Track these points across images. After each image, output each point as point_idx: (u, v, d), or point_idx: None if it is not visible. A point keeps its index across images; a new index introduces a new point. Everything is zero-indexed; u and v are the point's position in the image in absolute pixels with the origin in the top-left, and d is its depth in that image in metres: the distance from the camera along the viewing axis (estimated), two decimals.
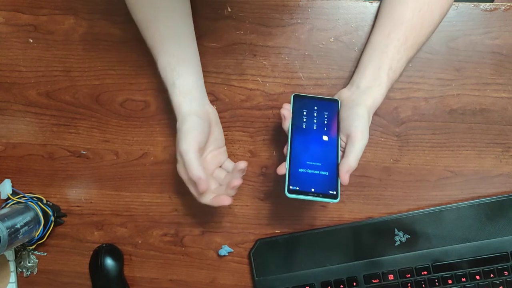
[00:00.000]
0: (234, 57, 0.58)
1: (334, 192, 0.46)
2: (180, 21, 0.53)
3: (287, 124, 0.50)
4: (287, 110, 0.50)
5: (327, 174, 0.47)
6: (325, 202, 0.46)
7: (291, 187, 0.46)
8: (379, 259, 0.59)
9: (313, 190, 0.46)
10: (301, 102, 0.52)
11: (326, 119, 0.51)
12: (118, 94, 0.61)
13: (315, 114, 0.51)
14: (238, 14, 0.57)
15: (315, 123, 0.50)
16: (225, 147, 0.57)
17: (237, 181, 0.49)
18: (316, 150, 0.49)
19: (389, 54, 0.49)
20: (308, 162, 0.48)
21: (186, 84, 0.52)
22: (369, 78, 0.50)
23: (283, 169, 0.48)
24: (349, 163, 0.46)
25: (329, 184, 0.46)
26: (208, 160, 0.54)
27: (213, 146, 0.54)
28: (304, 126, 0.50)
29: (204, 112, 0.53)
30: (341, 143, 0.49)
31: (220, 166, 0.56)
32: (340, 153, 0.49)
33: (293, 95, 0.52)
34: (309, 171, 0.47)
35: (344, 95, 0.52)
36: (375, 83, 0.49)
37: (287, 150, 0.49)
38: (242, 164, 0.50)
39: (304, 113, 0.51)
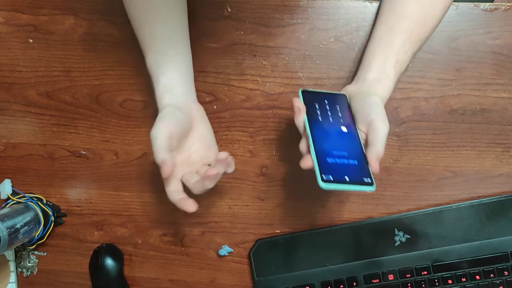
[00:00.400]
0: (234, 57, 0.58)
1: (370, 180, 0.43)
2: (173, 19, 0.52)
3: (301, 118, 0.47)
4: (300, 103, 0.47)
5: (356, 163, 0.44)
6: (361, 191, 0.42)
7: (324, 176, 0.42)
8: (379, 259, 0.59)
9: (347, 178, 0.42)
10: (310, 97, 0.49)
11: (339, 112, 0.48)
12: (118, 94, 0.61)
13: (328, 107, 0.48)
14: (238, 14, 0.57)
15: (330, 116, 0.47)
16: (216, 147, 0.55)
17: (212, 171, 0.45)
18: (339, 141, 0.45)
19: (395, 46, 0.48)
20: (334, 152, 0.44)
21: (170, 82, 0.51)
22: (375, 70, 0.49)
23: (309, 161, 0.43)
24: (377, 150, 0.44)
25: (362, 172, 0.43)
26: (193, 158, 0.51)
27: (200, 144, 0.52)
28: (320, 119, 0.47)
29: (185, 106, 0.51)
30: (361, 134, 0.47)
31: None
32: (363, 143, 0.46)
33: (300, 90, 0.49)
34: (338, 160, 0.44)
35: (350, 90, 0.51)
36: (382, 75, 0.49)
37: (307, 142, 0.45)
38: (223, 154, 0.46)
39: (317, 106, 0.48)
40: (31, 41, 0.61)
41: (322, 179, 0.41)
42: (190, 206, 0.47)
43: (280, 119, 0.59)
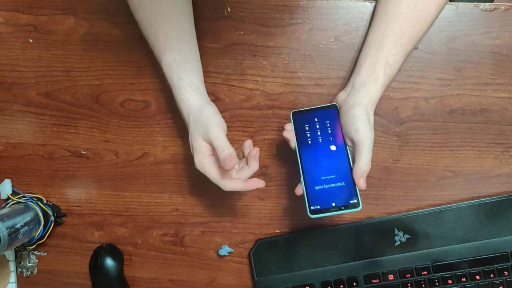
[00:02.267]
0: (234, 57, 0.58)
1: (355, 201, 0.45)
2: (184, 18, 0.53)
3: (293, 144, 0.50)
4: (289, 132, 0.50)
5: (343, 184, 0.47)
6: (349, 212, 0.45)
7: (312, 207, 0.46)
8: (379, 259, 0.59)
9: (333, 204, 0.46)
10: (301, 118, 0.51)
11: (329, 128, 0.50)
12: (118, 94, 0.61)
13: (318, 126, 0.50)
14: (238, 14, 0.57)
15: (319, 136, 0.50)
16: None
17: (255, 150, 0.51)
18: (327, 163, 0.48)
19: (385, 49, 0.49)
20: (322, 178, 0.47)
21: (193, 81, 0.52)
22: (364, 74, 0.49)
23: (300, 189, 0.48)
24: (360, 168, 0.46)
25: (348, 194, 0.46)
26: None
27: None
28: (309, 142, 0.50)
29: (212, 104, 0.54)
30: (350, 148, 0.49)
31: None
32: (351, 158, 0.48)
33: (291, 112, 0.51)
34: (325, 186, 0.47)
35: (341, 98, 0.51)
36: (370, 78, 0.49)
37: (299, 170, 0.49)
38: (248, 142, 0.53)
39: (307, 128, 0.50)
40: (31, 41, 0.61)
41: (310, 211, 0.46)
42: (259, 182, 0.51)
43: (280, 119, 0.59)
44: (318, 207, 0.46)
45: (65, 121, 0.62)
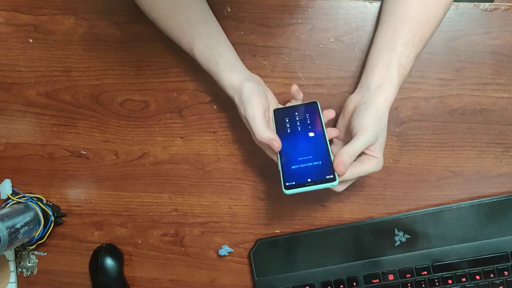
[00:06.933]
0: None
1: (331, 176, 0.45)
2: (202, 4, 0.54)
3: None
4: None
5: (320, 163, 0.47)
6: (324, 188, 0.45)
7: (287, 183, 0.46)
8: (379, 259, 0.59)
9: (309, 180, 0.46)
10: (281, 113, 0.53)
11: (309, 119, 0.51)
12: (118, 94, 0.61)
13: (297, 118, 0.52)
14: (237, 14, 0.57)
15: (298, 125, 0.51)
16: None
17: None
18: (305, 147, 0.49)
19: (398, 50, 0.48)
20: (299, 158, 0.48)
21: (229, 60, 0.53)
22: (379, 76, 0.49)
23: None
24: (345, 150, 0.45)
25: (324, 170, 0.46)
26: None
27: (271, 107, 0.54)
28: (288, 131, 0.51)
29: (255, 77, 0.54)
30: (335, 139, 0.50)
31: None
32: (329, 144, 0.49)
33: (273, 110, 0.53)
34: (301, 165, 0.47)
35: (354, 101, 0.51)
36: (385, 80, 0.49)
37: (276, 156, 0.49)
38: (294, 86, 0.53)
39: (286, 120, 0.52)
40: (31, 41, 0.61)
41: (285, 186, 0.46)
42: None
43: None
44: (293, 182, 0.46)
45: (65, 121, 0.62)
